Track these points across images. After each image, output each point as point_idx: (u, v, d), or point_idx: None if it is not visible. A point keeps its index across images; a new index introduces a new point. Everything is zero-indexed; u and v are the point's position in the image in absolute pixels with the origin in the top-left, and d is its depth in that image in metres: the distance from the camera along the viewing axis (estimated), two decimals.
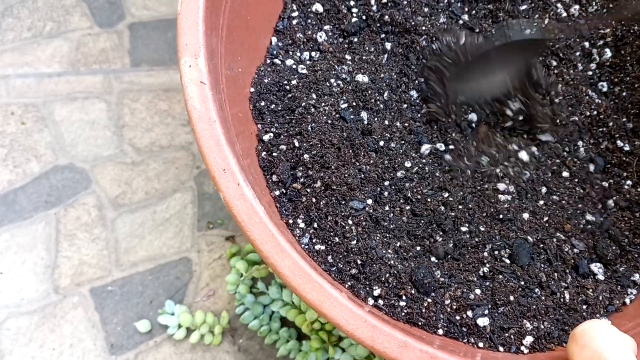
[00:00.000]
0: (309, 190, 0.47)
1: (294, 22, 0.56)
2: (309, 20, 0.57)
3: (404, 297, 0.44)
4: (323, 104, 0.51)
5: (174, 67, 0.83)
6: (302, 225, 0.47)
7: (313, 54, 0.56)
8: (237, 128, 0.44)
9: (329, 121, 0.50)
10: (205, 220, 0.72)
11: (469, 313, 0.44)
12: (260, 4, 0.52)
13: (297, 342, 0.62)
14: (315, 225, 0.46)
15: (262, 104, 0.52)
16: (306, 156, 0.48)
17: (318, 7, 0.57)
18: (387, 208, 0.49)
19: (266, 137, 0.50)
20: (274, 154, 0.49)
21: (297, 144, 0.49)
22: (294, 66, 0.54)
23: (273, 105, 0.51)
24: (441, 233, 0.49)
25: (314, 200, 0.47)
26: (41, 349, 0.64)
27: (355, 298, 0.44)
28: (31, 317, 0.66)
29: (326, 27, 0.56)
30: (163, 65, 0.83)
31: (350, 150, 0.50)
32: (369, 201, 0.48)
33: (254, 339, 0.65)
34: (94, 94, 0.80)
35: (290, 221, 0.46)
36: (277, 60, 0.55)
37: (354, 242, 0.46)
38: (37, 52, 0.83)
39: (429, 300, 0.44)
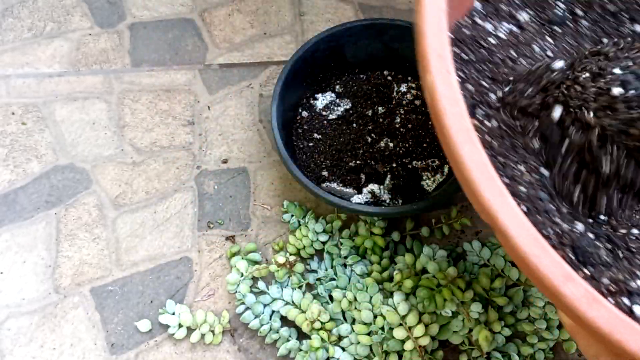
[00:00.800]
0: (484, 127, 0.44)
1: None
2: None
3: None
4: (523, 61, 0.47)
5: (174, 67, 0.83)
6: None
7: (513, 27, 0.52)
8: None
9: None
10: (205, 220, 0.72)
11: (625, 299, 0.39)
12: None
13: (297, 341, 0.62)
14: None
15: (456, 50, 0.49)
16: (492, 96, 0.46)
17: None
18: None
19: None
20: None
21: (486, 85, 0.46)
22: (493, 31, 0.51)
23: (464, 55, 0.49)
24: None
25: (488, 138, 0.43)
26: (41, 348, 0.64)
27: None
28: (31, 317, 0.66)
29: (529, 11, 0.53)
30: (163, 65, 0.83)
31: None
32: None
33: (254, 339, 0.65)
34: (94, 94, 0.80)
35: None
36: (478, 20, 0.52)
37: None
38: (38, 52, 0.83)
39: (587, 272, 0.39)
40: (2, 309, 0.66)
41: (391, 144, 0.70)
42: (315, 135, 0.72)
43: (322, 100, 0.74)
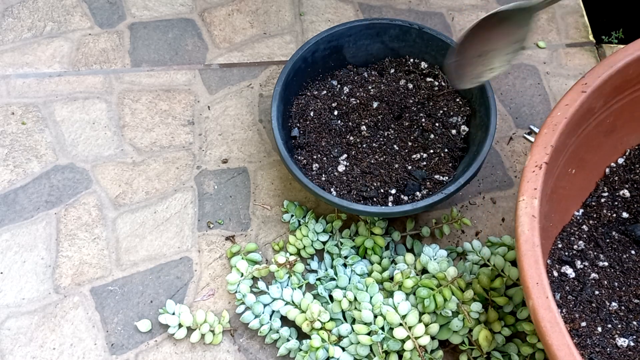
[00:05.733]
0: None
1: (602, 200, 0.64)
2: (616, 202, 0.64)
3: None
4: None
5: (174, 68, 0.83)
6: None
7: (615, 234, 0.62)
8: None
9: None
10: (205, 220, 0.72)
11: None
12: (579, 180, 0.64)
13: (297, 341, 0.62)
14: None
15: (562, 270, 0.59)
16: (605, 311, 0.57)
17: (625, 192, 0.65)
18: None
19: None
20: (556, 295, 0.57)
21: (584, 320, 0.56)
22: (593, 252, 0.61)
23: (569, 284, 0.59)
24: None
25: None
26: (41, 348, 0.64)
27: None
28: (32, 316, 0.66)
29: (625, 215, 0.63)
30: (163, 65, 0.83)
31: None
32: None
33: (254, 339, 0.65)
34: (94, 94, 0.80)
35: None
36: (584, 227, 0.63)
37: None
38: (38, 52, 0.83)
39: None
40: (2, 309, 0.66)
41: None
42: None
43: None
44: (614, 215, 0.64)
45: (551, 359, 0.44)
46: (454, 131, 0.71)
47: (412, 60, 0.75)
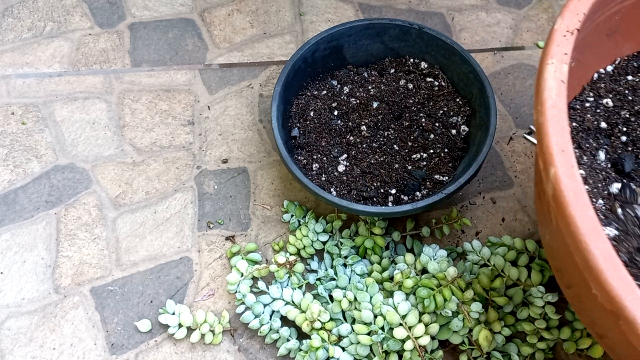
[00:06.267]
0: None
1: (587, 105, 0.62)
2: (598, 110, 0.62)
3: None
4: None
5: (174, 68, 0.83)
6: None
7: (593, 143, 0.59)
8: None
9: None
10: (205, 220, 0.72)
11: None
12: (570, 78, 0.57)
13: (297, 341, 0.62)
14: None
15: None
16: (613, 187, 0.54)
17: (609, 102, 0.62)
18: None
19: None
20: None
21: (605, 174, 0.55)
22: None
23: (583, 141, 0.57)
24: None
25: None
26: (41, 348, 0.64)
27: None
28: (32, 316, 0.66)
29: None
30: (163, 65, 0.83)
31: None
32: None
33: (254, 339, 0.65)
34: (94, 94, 0.80)
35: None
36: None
37: None
38: (38, 52, 0.83)
39: None
40: (2, 309, 0.66)
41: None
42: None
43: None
44: (595, 123, 0.61)
45: (572, 232, 0.40)
46: (454, 131, 0.71)
47: (412, 60, 0.75)
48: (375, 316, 0.60)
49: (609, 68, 0.64)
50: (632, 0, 0.58)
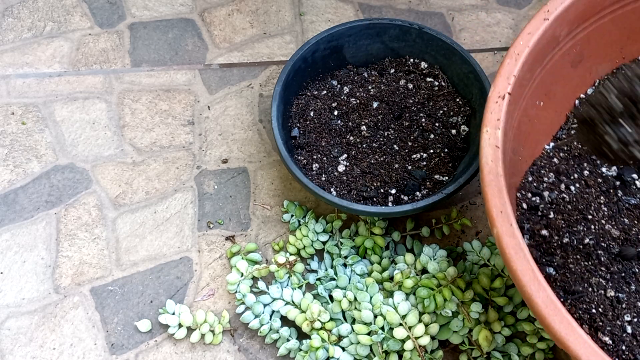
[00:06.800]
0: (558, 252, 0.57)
1: (572, 132, 0.63)
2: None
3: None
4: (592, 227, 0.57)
5: (174, 68, 0.83)
6: (549, 271, 0.55)
7: (585, 172, 0.61)
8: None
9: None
10: (205, 220, 0.72)
11: None
12: (548, 112, 0.63)
13: (297, 341, 0.62)
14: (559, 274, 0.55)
15: (531, 197, 0.59)
16: (565, 240, 0.57)
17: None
18: None
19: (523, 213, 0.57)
20: (525, 226, 0.58)
21: (546, 235, 0.57)
22: (565, 179, 0.60)
23: (539, 203, 0.59)
24: None
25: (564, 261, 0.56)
26: (41, 348, 0.64)
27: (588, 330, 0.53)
28: (32, 316, 0.66)
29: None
30: (163, 65, 0.83)
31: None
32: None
33: (254, 339, 0.65)
34: (94, 94, 0.80)
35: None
36: (555, 160, 0.61)
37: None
38: (38, 52, 0.83)
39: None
40: (2, 309, 0.66)
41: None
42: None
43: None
44: (584, 147, 0.62)
45: (516, 283, 0.44)
46: (454, 131, 0.71)
47: (412, 60, 0.75)
48: (375, 316, 0.60)
49: (590, 91, 0.66)
50: (585, 32, 0.60)
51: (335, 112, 0.72)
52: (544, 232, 0.58)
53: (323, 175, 0.68)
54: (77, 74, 0.82)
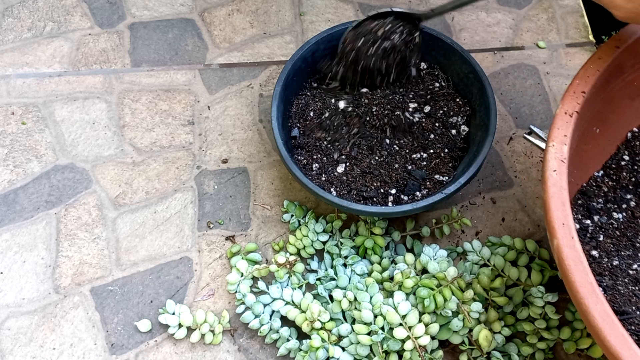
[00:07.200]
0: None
1: (622, 164, 0.66)
2: (636, 167, 0.65)
3: None
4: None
5: (174, 68, 0.83)
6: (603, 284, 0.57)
7: (632, 203, 0.63)
8: None
9: None
10: (205, 220, 0.72)
11: None
12: (601, 140, 0.66)
13: (297, 341, 0.62)
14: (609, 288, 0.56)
15: (581, 219, 0.62)
16: (615, 263, 0.58)
17: None
18: None
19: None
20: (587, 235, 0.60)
21: (596, 256, 0.59)
22: (613, 206, 0.62)
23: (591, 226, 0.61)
24: None
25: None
26: (41, 348, 0.64)
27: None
28: (32, 316, 0.66)
29: None
30: (163, 65, 0.83)
31: None
32: None
33: (254, 339, 0.65)
34: (94, 94, 0.80)
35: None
36: (604, 188, 0.64)
37: None
38: (38, 52, 0.83)
39: None
40: (2, 309, 0.66)
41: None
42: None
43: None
44: (633, 179, 0.64)
45: (573, 296, 0.45)
46: (454, 131, 0.71)
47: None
48: (375, 316, 0.60)
49: None
50: None
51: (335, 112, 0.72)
52: (594, 252, 0.59)
53: (323, 175, 0.68)
54: (77, 74, 0.82)
